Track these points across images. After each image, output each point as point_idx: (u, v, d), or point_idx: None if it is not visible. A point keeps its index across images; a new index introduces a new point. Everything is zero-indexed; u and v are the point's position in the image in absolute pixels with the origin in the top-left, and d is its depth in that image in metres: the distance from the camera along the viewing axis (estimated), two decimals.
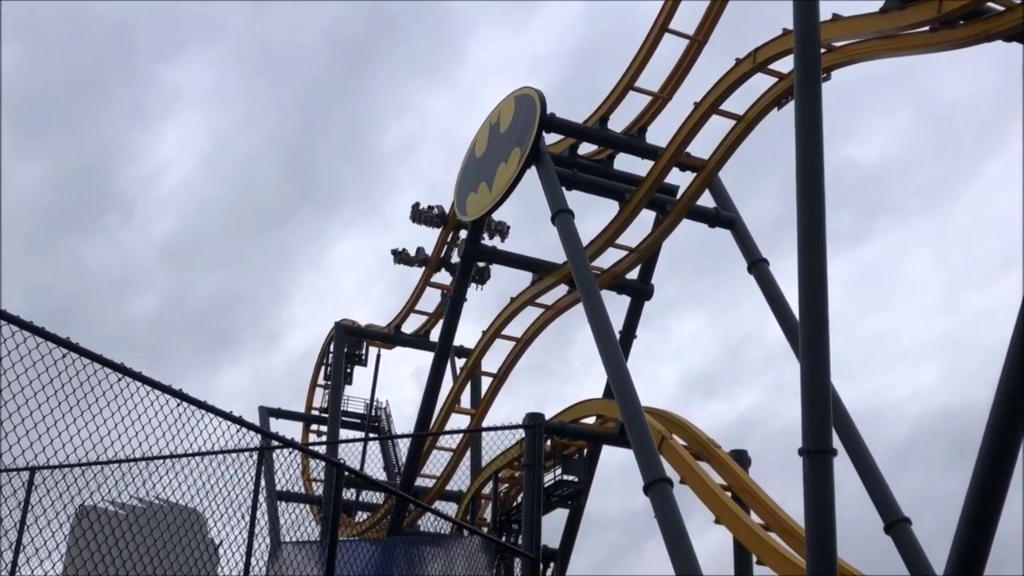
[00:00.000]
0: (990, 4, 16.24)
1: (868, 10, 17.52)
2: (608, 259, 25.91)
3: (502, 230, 29.99)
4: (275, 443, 8.86)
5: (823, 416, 12.93)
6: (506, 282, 28.38)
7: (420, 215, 32.66)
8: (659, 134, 24.63)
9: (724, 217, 24.84)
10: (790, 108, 17.62)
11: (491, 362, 30.25)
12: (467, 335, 32.73)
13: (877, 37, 17.90)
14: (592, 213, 26.93)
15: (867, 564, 18.71)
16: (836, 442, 13.90)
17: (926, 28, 16.90)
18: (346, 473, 8.75)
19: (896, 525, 18.42)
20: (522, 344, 28.82)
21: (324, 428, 38.69)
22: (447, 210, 32.04)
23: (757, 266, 23.66)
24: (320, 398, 40.92)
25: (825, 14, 16.99)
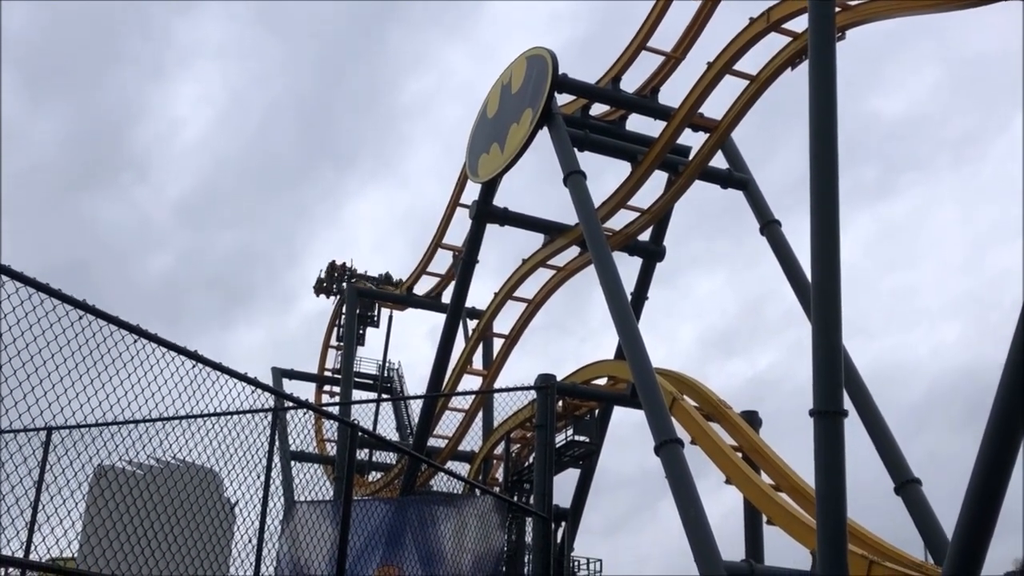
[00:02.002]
0: None
1: None
2: (620, 221, 25.89)
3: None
4: (289, 404, 8.94)
5: (834, 377, 12.95)
6: (519, 244, 28.42)
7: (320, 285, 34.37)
8: (672, 95, 24.50)
9: (737, 178, 24.73)
10: (804, 68, 17.46)
11: (503, 324, 30.38)
12: (479, 297, 32.81)
13: None
14: (604, 174, 26.88)
15: (877, 524, 18.83)
16: (847, 403, 13.95)
17: None
18: (360, 434, 8.82)
19: (906, 486, 18.48)
20: (534, 306, 28.87)
21: (337, 389, 38.95)
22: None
23: (769, 227, 23.58)
24: (333, 359, 41.18)
25: None
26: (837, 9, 16.48)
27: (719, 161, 24.85)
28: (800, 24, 19.60)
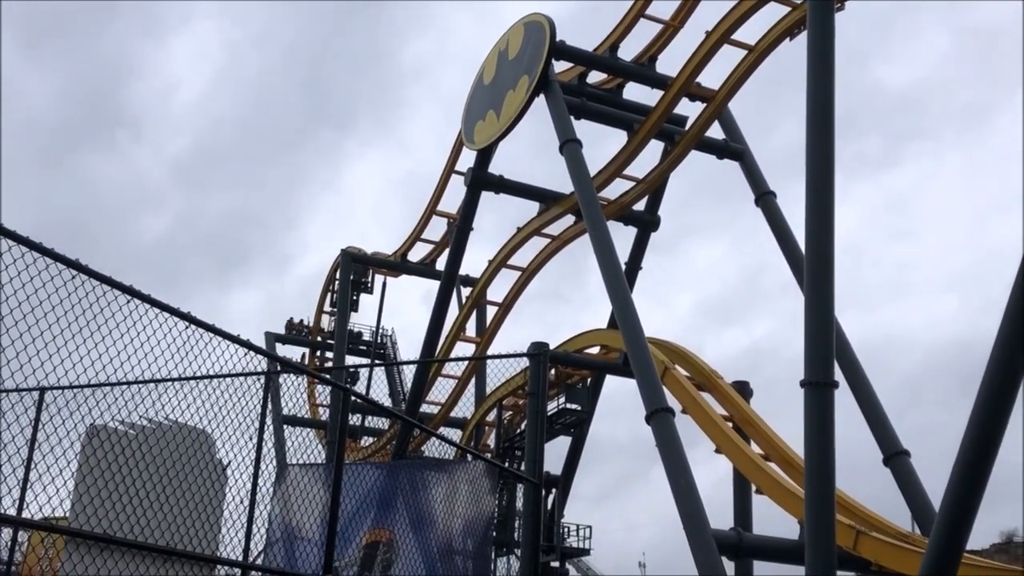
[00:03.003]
0: None
1: None
2: (615, 190, 25.85)
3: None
4: (282, 367, 8.96)
5: (826, 349, 13.02)
6: (515, 211, 28.39)
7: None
8: (670, 64, 24.38)
9: (733, 149, 24.68)
10: (803, 39, 17.37)
11: (497, 291, 30.40)
12: (474, 264, 32.77)
13: None
14: (601, 143, 26.81)
15: (866, 495, 18.99)
16: (838, 375, 14.03)
17: None
18: (352, 398, 8.85)
19: (895, 457, 18.63)
20: (528, 274, 28.88)
21: (330, 354, 39.01)
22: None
23: (764, 199, 23.57)
24: (327, 324, 41.20)
25: None
26: None
27: (716, 131, 24.79)
28: None
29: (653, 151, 25.20)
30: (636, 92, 25.42)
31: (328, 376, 33.32)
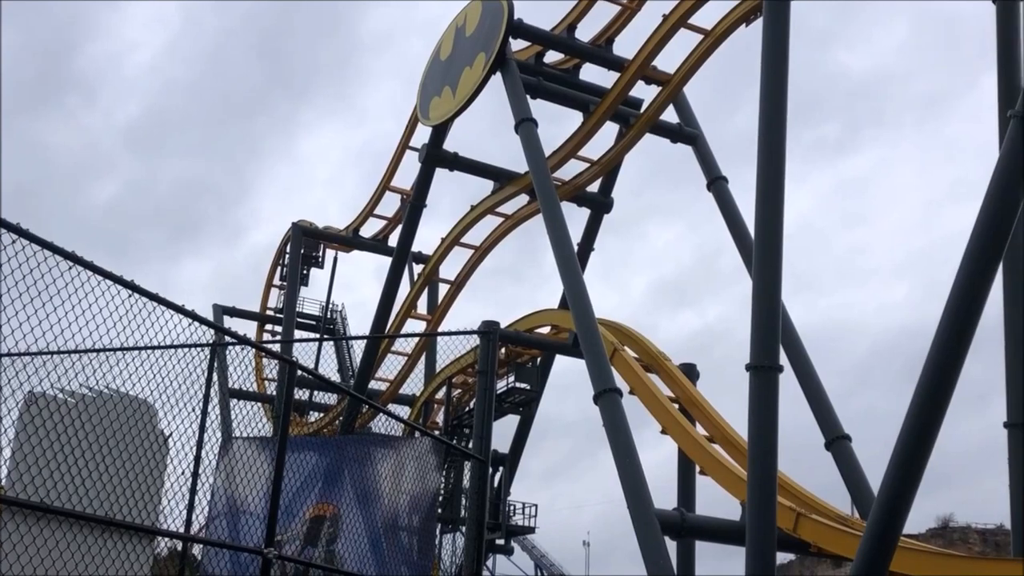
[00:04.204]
0: None
1: None
2: (570, 171, 25.88)
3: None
4: (228, 339, 8.87)
5: (771, 334, 13.20)
6: (471, 188, 28.32)
7: None
8: (626, 46, 24.42)
9: (687, 133, 24.82)
10: (759, 25, 17.46)
11: (450, 269, 30.36)
12: (427, 241, 32.70)
13: None
14: (557, 123, 26.79)
15: (807, 478, 19.30)
16: (784, 359, 14.22)
17: None
18: (299, 372, 8.80)
19: (836, 441, 18.96)
20: (481, 252, 28.86)
21: (279, 329, 38.69)
22: None
23: (716, 183, 23.76)
24: (276, 298, 40.84)
25: None
26: None
27: (671, 115, 24.90)
28: None
29: (608, 133, 25.28)
30: (593, 73, 25.47)
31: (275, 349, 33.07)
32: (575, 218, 26.86)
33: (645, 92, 24.54)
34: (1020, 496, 14.27)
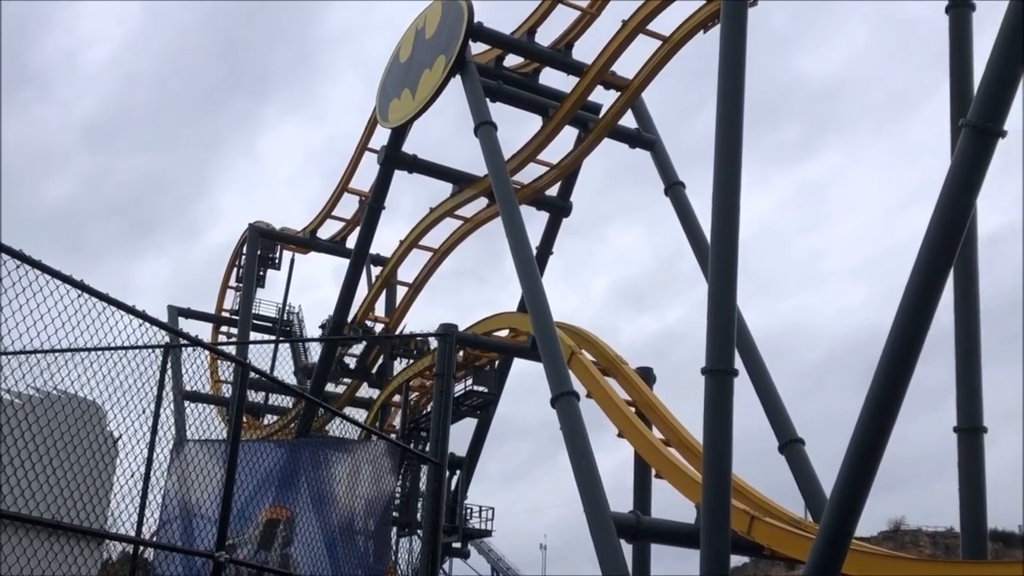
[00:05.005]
0: None
1: None
2: (529, 174, 25.91)
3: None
4: (180, 341, 8.77)
5: (727, 338, 13.30)
6: (431, 190, 28.22)
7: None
8: (586, 51, 24.50)
9: (645, 139, 24.95)
10: (717, 32, 17.60)
11: (409, 271, 30.25)
12: (385, 244, 32.50)
13: None
14: (518, 126, 26.81)
15: (761, 481, 19.46)
16: (739, 363, 14.33)
17: None
18: (252, 374, 8.72)
19: (790, 445, 19.14)
20: (439, 255, 28.81)
21: (235, 330, 38.32)
22: None
23: (673, 189, 23.91)
24: (232, 300, 40.42)
25: None
26: None
27: (630, 120, 25.01)
28: None
29: (567, 137, 25.34)
30: (552, 78, 25.53)
31: (228, 350, 32.73)
32: (534, 221, 26.94)
33: (604, 97, 24.68)
34: (969, 500, 14.49)
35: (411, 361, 27.90)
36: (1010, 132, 11.42)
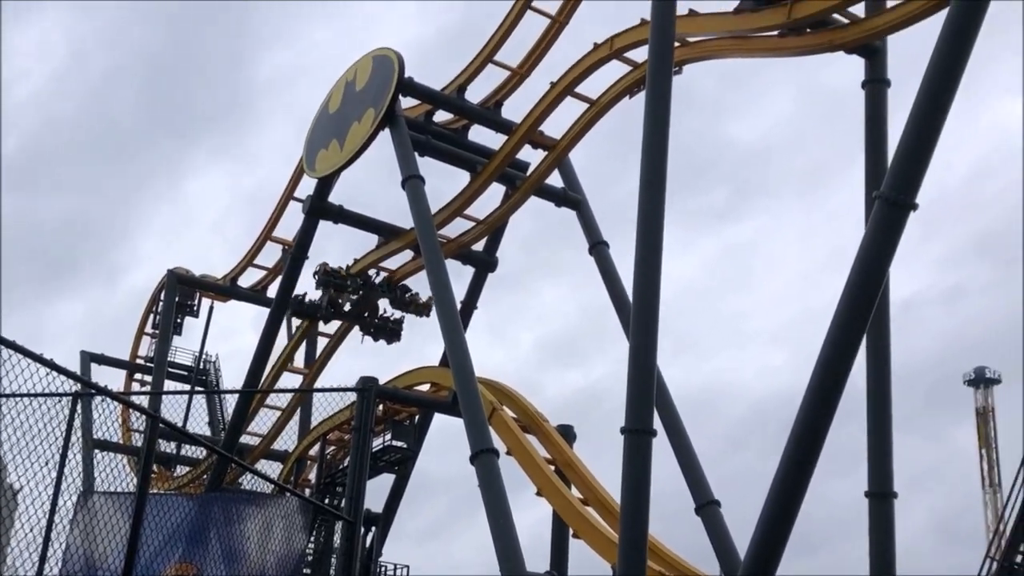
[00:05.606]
0: (836, 16, 16.98)
1: (724, 9, 18.04)
2: (456, 228, 25.95)
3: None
4: (88, 390, 8.53)
5: (646, 398, 13.40)
6: (356, 240, 27.94)
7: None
8: (515, 110, 24.80)
9: (571, 198, 25.25)
10: (642, 97, 17.98)
11: (331, 323, 29.81)
12: (308, 292, 31.99)
13: (729, 37, 18.46)
14: (447, 179, 26.92)
15: (678, 542, 19.51)
16: (658, 423, 14.43)
17: (775, 33, 17.52)
18: (160, 425, 8.50)
19: (707, 506, 19.26)
20: None
21: (149, 378, 37.41)
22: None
23: (597, 248, 24.20)
24: (147, 346, 39.52)
25: (682, 9, 17.39)
26: (676, 44, 17.06)
27: (557, 179, 25.30)
28: (641, 55, 20.19)
29: (495, 193, 25.50)
30: (482, 134, 25.73)
31: (139, 401, 31.95)
32: (460, 275, 26.97)
33: (532, 156, 24.94)
34: (879, 564, 14.72)
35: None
36: (921, 205, 11.83)
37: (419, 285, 26.72)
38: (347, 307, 26.84)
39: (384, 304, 27.58)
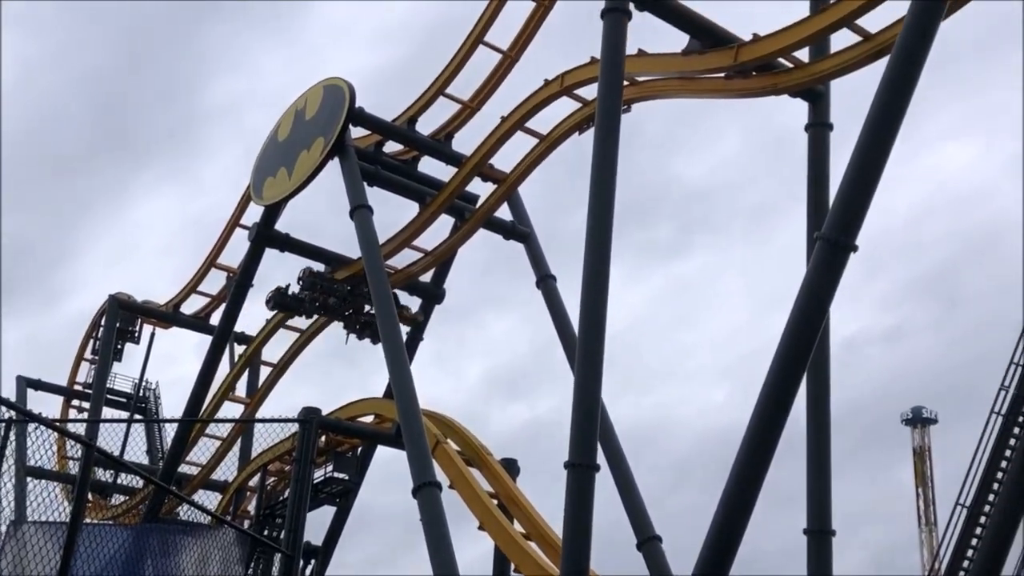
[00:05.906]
0: (781, 60, 17.36)
1: (672, 51, 18.34)
2: (404, 259, 25.91)
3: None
4: (22, 417, 8.36)
5: (590, 432, 13.45)
6: (299, 271, 27.67)
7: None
8: (465, 142, 24.90)
9: (519, 231, 25.37)
10: (591, 134, 18.19)
11: (274, 351, 29.55)
12: (253, 322, 31.69)
13: (677, 77, 18.77)
14: (393, 211, 26.89)
15: None
16: (601, 458, 14.47)
17: (722, 75, 17.86)
18: (96, 454, 8.35)
19: (648, 542, 19.31)
20: (307, 336, 28.33)
21: (87, 405, 36.67)
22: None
23: (545, 281, 24.32)
24: (86, 372, 38.77)
25: (631, 49, 17.65)
26: (625, 83, 17.30)
27: (505, 212, 25.42)
28: (591, 92, 20.43)
29: (444, 225, 25.53)
30: (431, 166, 25.78)
31: (76, 429, 31.32)
32: (409, 304, 26.86)
33: (481, 188, 25.05)
34: None
35: None
36: (865, 245, 12.08)
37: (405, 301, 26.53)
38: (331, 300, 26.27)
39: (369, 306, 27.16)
